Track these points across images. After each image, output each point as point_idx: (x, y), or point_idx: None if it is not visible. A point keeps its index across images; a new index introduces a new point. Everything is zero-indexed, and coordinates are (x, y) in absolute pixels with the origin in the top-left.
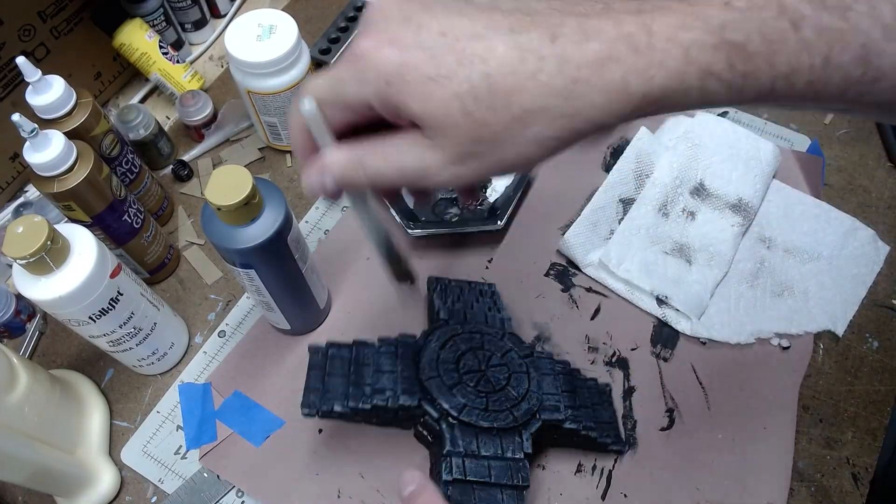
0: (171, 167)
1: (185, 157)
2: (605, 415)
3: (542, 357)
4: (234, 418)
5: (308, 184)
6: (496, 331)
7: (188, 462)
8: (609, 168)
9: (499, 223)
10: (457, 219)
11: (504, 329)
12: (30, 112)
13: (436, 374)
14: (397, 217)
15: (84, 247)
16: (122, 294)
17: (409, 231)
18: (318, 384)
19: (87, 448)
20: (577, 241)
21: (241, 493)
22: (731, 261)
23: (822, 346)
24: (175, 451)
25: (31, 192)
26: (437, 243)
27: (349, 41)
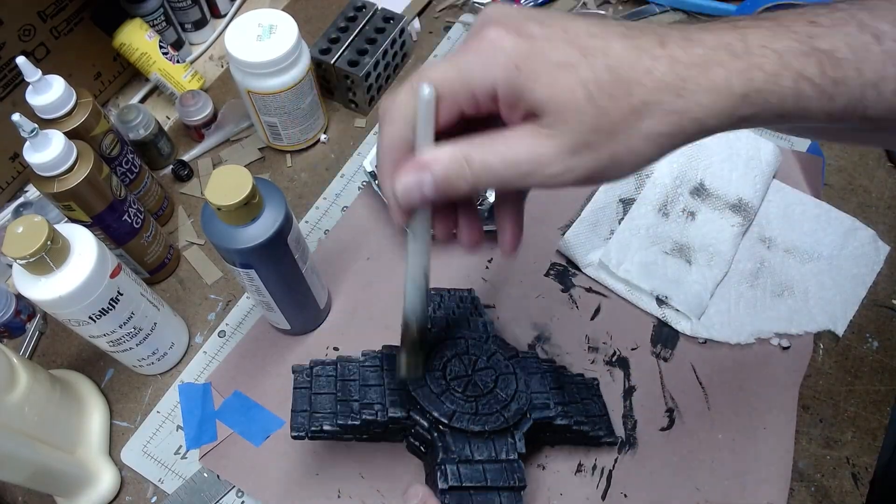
0: (171, 167)
1: (185, 157)
2: (595, 408)
3: (528, 357)
4: (234, 418)
5: (404, 186)
6: (480, 334)
7: (188, 462)
8: None
9: None
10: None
11: (488, 332)
12: (30, 112)
13: (423, 384)
14: None
15: (84, 247)
16: (122, 294)
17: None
18: (304, 405)
19: (87, 448)
20: (577, 241)
21: (241, 493)
22: (731, 261)
23: (822, 346)
24: (175, 451)
25: (31, 192)
26: (437, 243)
27: (349, 41)
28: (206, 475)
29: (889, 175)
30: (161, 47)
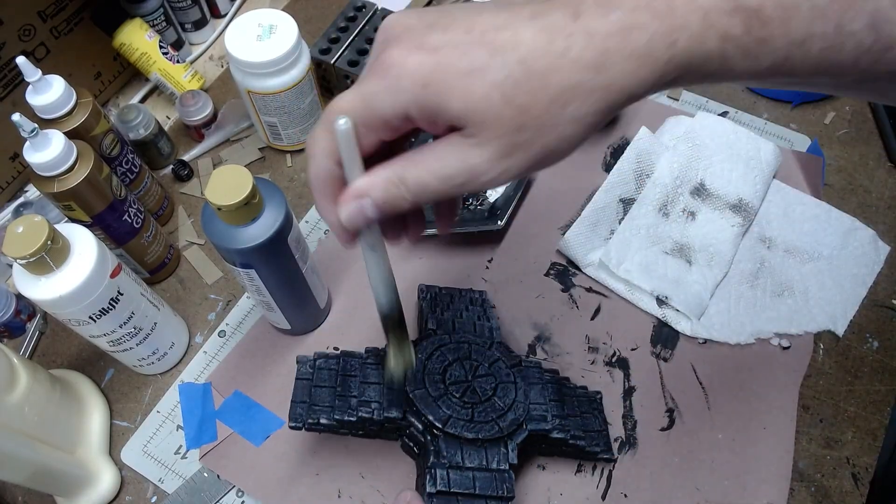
0: (172, 167)
1: (186, 157)
2: (595, 423)
3: (531, 366)
4: (234, 418)
5: (347, 215)
6: (484, 340)
7: (188, 462)
8: (609, 168)
9: (499, 223)
10: (457, 219)
11: (492, 338)
12: (30, 112)
13: (421, 386)
14: None
15: (84, 247)
16: (122, 294)
17: None
18: (304, 397)
19: (87, 448)
20: (577, 241)
21: (241, 493)
22: (731, 261)
23: (822, 346)
24: (175, 450)
25: (32, 192)
26: (437, 243)
27: (349, 41)
28: (206, 475)
29: (889, 175)
30: (161, 47)
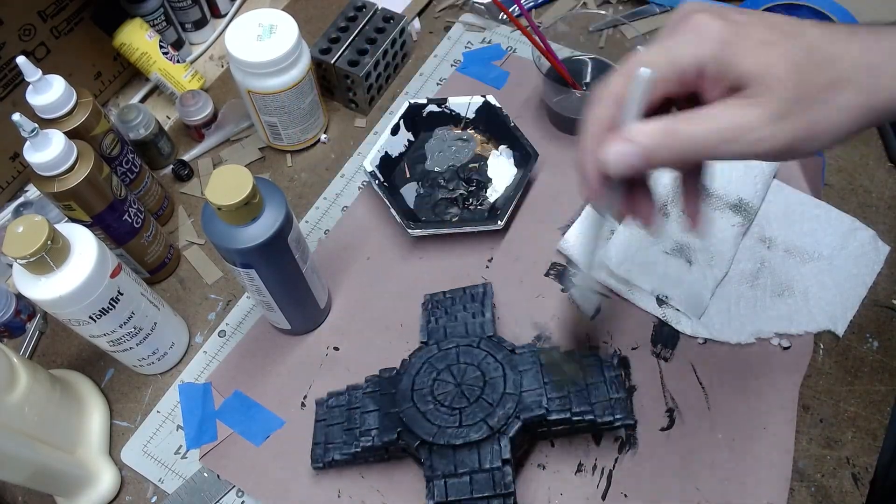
0: (172, 167)
1: (186, 157)
2: (605, 391)
3: (524, 352)
4: (234, 418)
5: (614, 154)
6: (472, 339)
7: (188, 462)
8: None
9: (499, 223)
10: (457, 218)
11: (482, 334)
12: (30, 112)
13: (410, 404)
14: (397, 217)
15: (84, 246)
16: (122, 294)
17: (410, 231)
18: (321, 437)
19: (87, 448)
20: (578, 241)
21: (241, 493)
22: (731, 261)
23: (822, 346)
24: (175, 450)
25: (32, 192)
26: (438, 243)
27: (349, 41)
28: (206, 475)
29: (889, 175)
30: (161, 47)
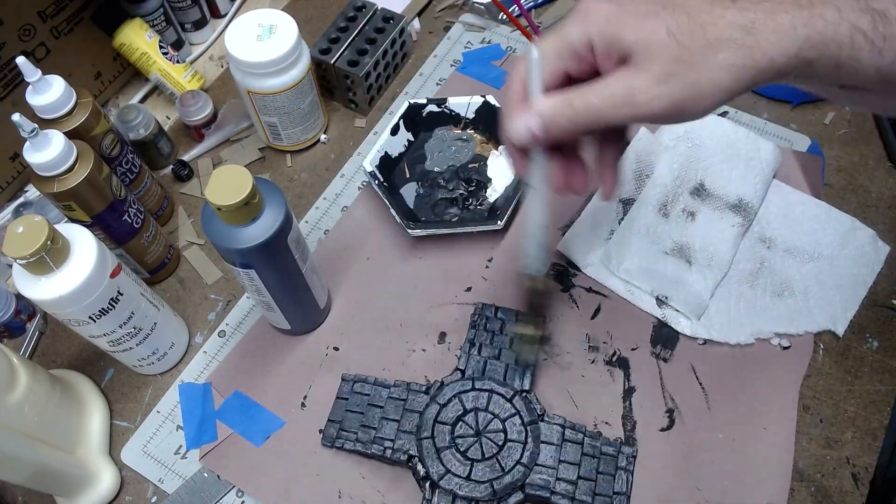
0: (172, 167)
1: (186, 157)
2: (611, 486)
3: (553, 423)
4: (234, 418)
5: (515, 129)
6: (508, 390)
7: (188, 462)
8: None
9: (499, 223)
10: (457, 219)
11: (517, 389)
12: (30, 112)
13: (429, 435)
14: (397, 217)
15: (84, 247)
16: (122, 294)
17: (410, 231)
18: (339, 416)
19: (87, 448)
20: (577, 241)
21: (241, 493)
22: (731, 261)
23: (822, 346)
24: (175, 450)
25: (31, 192)
26: (438, 243)
27: (349, 41)
28: (206, 475)
29: (889, 175)
30: (161, 47)
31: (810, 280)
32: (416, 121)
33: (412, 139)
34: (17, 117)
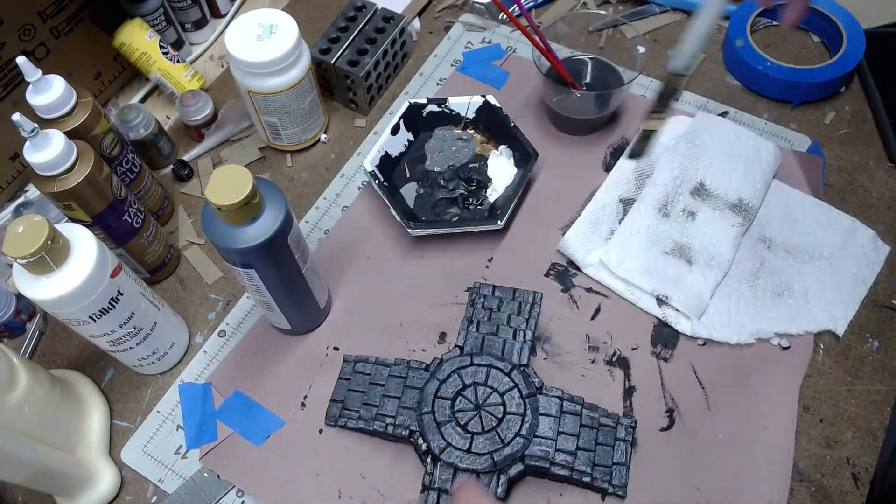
0: (172, 167)
1: (186, 157)
2: (611, 456)
3: (552, 395)
4: (234, 418)
5: None
6: (506, 364)
7: (188, 462)
8: (609, 168)
9: (499, 223)
10: (457, 218)
11: (518, 361)
12: (30, 112)
13: (429, 410)
14: (397, 217)
15: (84, 246)
16: (122, 294)
17: (410, 231)
18: (341, 396)
19: (87, 448)
20: (578, 241)
21: (241, 493)
22: (731, 261)
23: (822, 346)
24: (175, 450)
25: (32, 192)
26: (438, 243)
27: (349, 41)
28: (206, 475)
29: (889, 175)
30: (161, 47)
31: (810, 280)
32: (417, 120)
33: (412, 139)
34: (17, 117)
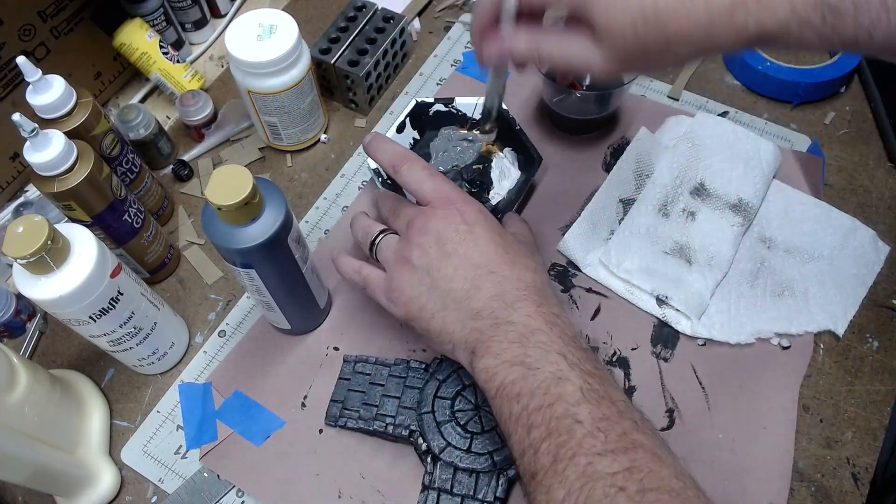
0: (172, 167)
1: (186, 157)
2: None
3: None
4: (234, 418)
5: (487, 53)
6: None
7: (188, 462)
8: (609, 168)
9: None
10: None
11: None
12: (30, 112)
13: (429, 410)
14: None
15: (84, 246)
16: (122, 294)
17: None
18: (341, 396)
19: (87, 448)
20: (577, 241)
21: (241, 493)
22: (731, 261)
23: (822, 346)
24: (175, 450)
25: (32, 192)
26: None
27: (349, 41)
28: (206, 475)
29: (889, 175)
30: (161, 47)
31: (810, 280)
32: (423, 120)
33: (417, 138)
34: (17, 117)
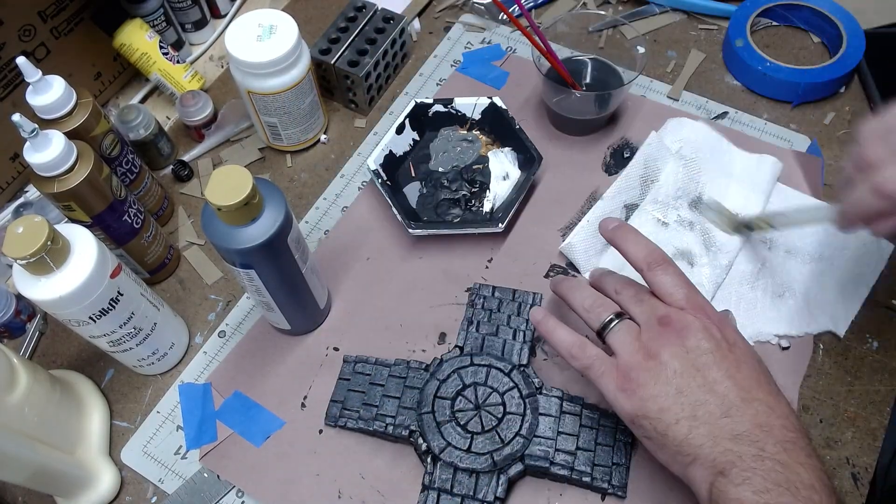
0: (172, 167)
1: (186, 157)
2: (610, 457)
3: (552, 395)
4: (234, 418)
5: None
6: (506, 364)
7: (188, 462)
8: (609, 169)
9: (500, 226)
10: (458, 219)
11: (517, 361)
12: (30, 112)
13: (429, 410)
14: (398, 215)
15: (84, 247)
16: (122, 294)
17: (410, 230)
18: (341, 396)
19: (87, 448)
20: (581, 245)
21: (241, 493)
22: (731, 262)
23: (822, 347)
24: (175, 451)
25: (32, 193)
26: (438, 243)
27: (349, 41)
28: (206, 475)
29: None
30: (161, 47)
31: (811, 281)
32: (423, 120)
33: (417, 138)
34: (17, 117)
